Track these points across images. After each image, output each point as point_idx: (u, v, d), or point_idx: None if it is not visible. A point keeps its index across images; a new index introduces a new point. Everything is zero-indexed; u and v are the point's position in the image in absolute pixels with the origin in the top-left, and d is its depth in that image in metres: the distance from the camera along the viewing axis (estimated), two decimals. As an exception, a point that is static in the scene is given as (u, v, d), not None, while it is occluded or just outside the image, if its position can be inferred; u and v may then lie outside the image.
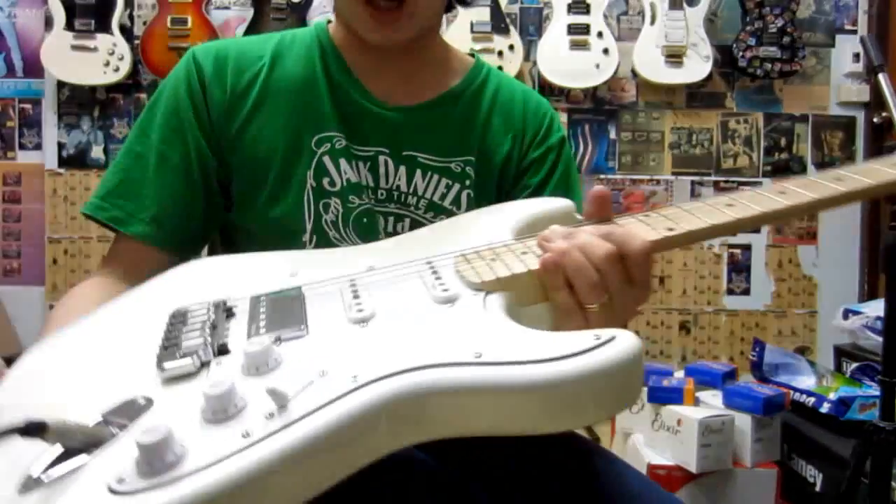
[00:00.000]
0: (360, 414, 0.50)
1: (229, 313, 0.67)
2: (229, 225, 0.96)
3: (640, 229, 0.68)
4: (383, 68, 0.94)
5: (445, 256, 0.70)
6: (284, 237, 0.90)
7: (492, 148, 0.96)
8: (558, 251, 0.64)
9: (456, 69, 0.99)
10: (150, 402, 0.56)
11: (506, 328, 0.58)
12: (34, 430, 0.49)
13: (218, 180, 0.93)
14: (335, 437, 0.50)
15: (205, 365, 0.59)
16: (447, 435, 0.54)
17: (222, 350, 0.60)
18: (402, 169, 0.92)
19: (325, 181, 0.90)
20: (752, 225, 0.69)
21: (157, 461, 0.47)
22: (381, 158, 0.92)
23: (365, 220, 0.91)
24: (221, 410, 0.51)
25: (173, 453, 0.48)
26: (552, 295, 0.65)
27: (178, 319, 0.66)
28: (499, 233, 0.73)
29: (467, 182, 0.94)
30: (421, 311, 0.62)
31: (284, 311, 0.65)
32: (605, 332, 0.54)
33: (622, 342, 0.53)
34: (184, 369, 0.58)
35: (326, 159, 0.90)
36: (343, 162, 0.91)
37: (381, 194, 0.92)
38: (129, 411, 0.55)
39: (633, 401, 0.56)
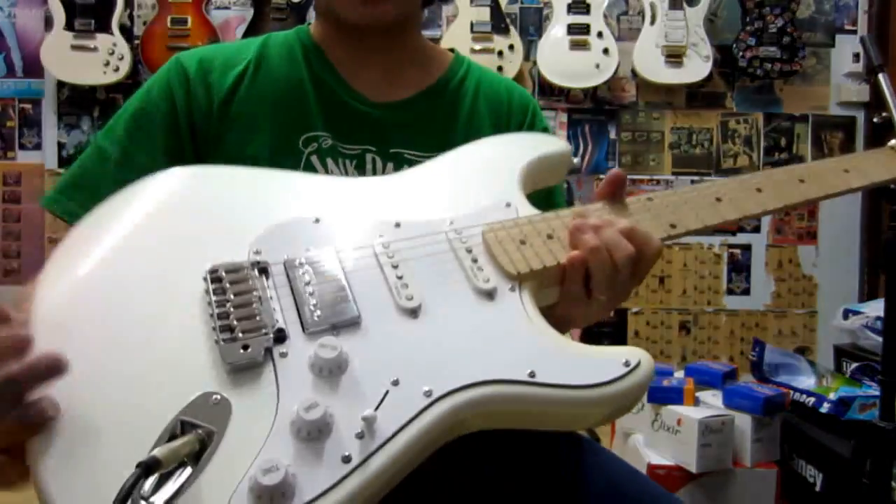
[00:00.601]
0: (437, 426, 0.58)
1: (265, 273, 0.66)
2: None
3: (649, 225, 0.74)
4: (366, 65, 0.94)
5: (472, 227, 0.73)
6: None
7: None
8: (588, 249, 0.70)
9: (437, 64, 1.00)
10: (226, 403, 0.57)
11: (548, 340, 0.65)
12: (153, 467, 0.51)
13: None
14: (418, 447, 0.58)
15: (268, 352, 0.60)
16: (500, 427, 0.63)
17: (280, 337, 0.61)
18: (390, 166, 0.92)
19: None
20: (736, 223, 0.80)
21: (277, 498, 0.52)
22: (368, 156, 0.92)
23: None
24: (315, 431, 0.56)
25: (290, 486, 0.53)
26: (568, 284, 0.71)
27: (218, 287, 0.64)
28: (508, 180, 0.78)
29: None
30: (465, 305, 0.67)
31: (328, 284, 0.65)
32: (632, 357, 0.63)
33: (644, 366, 0.63)
34: (249, 361, 0.59)
35: (314, 159, 0.91)
36: (330, 161, 0.91)
37: None
38: (208, 413, 0.56)
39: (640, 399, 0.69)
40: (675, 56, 2.81)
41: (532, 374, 0.61)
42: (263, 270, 0.66)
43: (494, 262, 0.69)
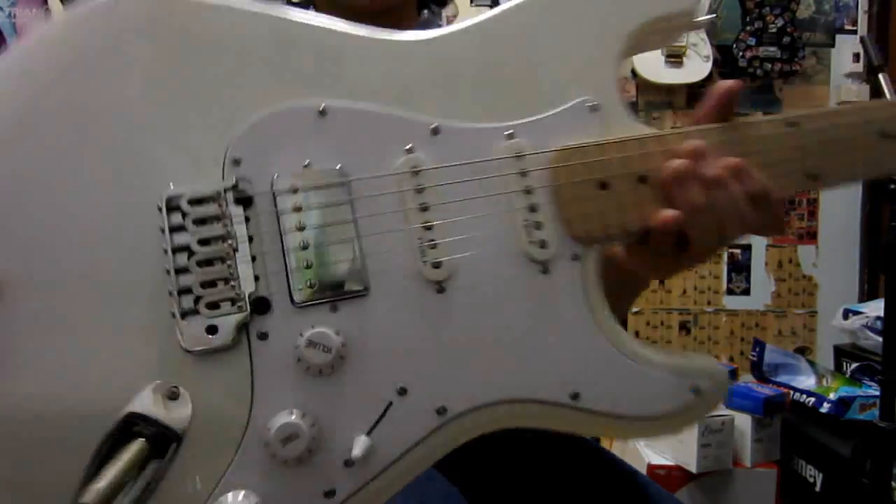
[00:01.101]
0: (446, 447, 0.48)
1: (245, 204, 0.48)
2: None
3: (782, 173, 0.54)
4: None
5: (537, 151, 0.52)
6: None
7: None
8: (691, 208, 0.51)
9: None
10: (185, 398, 0.46)
11: (603, 344, 0.50)
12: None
13: None
14: (419, 470, 0.47)
15: (242, 329, 0.47)
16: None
17: (261, 307, 0.47)
18: None
19: None
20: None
21: None
22: None
23: None
24: (294, 460, 0.46)
25: None
26: (653, 245, 0.53)
27: (178, 224, 0.47)
28: (600, 61, 0.55)
29: None
30: (508, 280, 0.50)
31: (330, 233, 0.49)
32: (703, 380, 0.49)
33: (717, 393, 0.49)
34: (214, 348, 0.47)
35: None
36: None
37: None
38: (161, 409, 0.45)
39: None
40: (675, 56, 2.81)
41: (575, 396, 0.48)
42: (244, 201, 0.48)
43: (560, 216, 0.51)
